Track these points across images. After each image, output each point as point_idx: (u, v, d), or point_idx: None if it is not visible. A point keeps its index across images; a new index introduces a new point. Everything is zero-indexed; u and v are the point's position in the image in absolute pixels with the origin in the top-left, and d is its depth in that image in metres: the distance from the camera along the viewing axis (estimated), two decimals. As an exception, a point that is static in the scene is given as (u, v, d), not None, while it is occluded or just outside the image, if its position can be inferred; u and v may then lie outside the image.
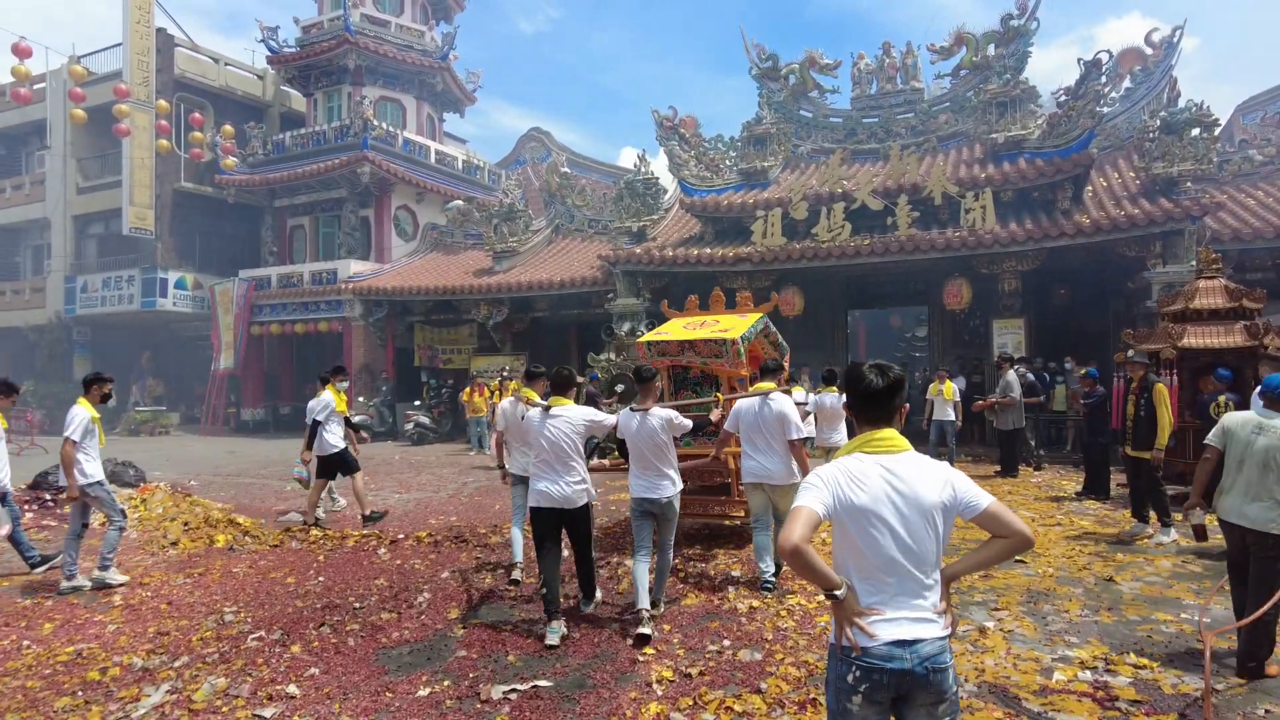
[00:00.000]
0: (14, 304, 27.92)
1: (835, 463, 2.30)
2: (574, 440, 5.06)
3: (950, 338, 16.98)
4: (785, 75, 19.24)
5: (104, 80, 23.68)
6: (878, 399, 2.32)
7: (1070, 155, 14.29)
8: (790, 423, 5.84)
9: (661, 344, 7.51)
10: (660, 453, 5.20)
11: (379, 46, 24.27)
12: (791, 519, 2.13)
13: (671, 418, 5.21)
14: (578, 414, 5.15)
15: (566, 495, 5.01)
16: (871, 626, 2.13)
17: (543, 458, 5.07)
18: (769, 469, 5.91)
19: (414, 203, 25.03)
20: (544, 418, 5.10)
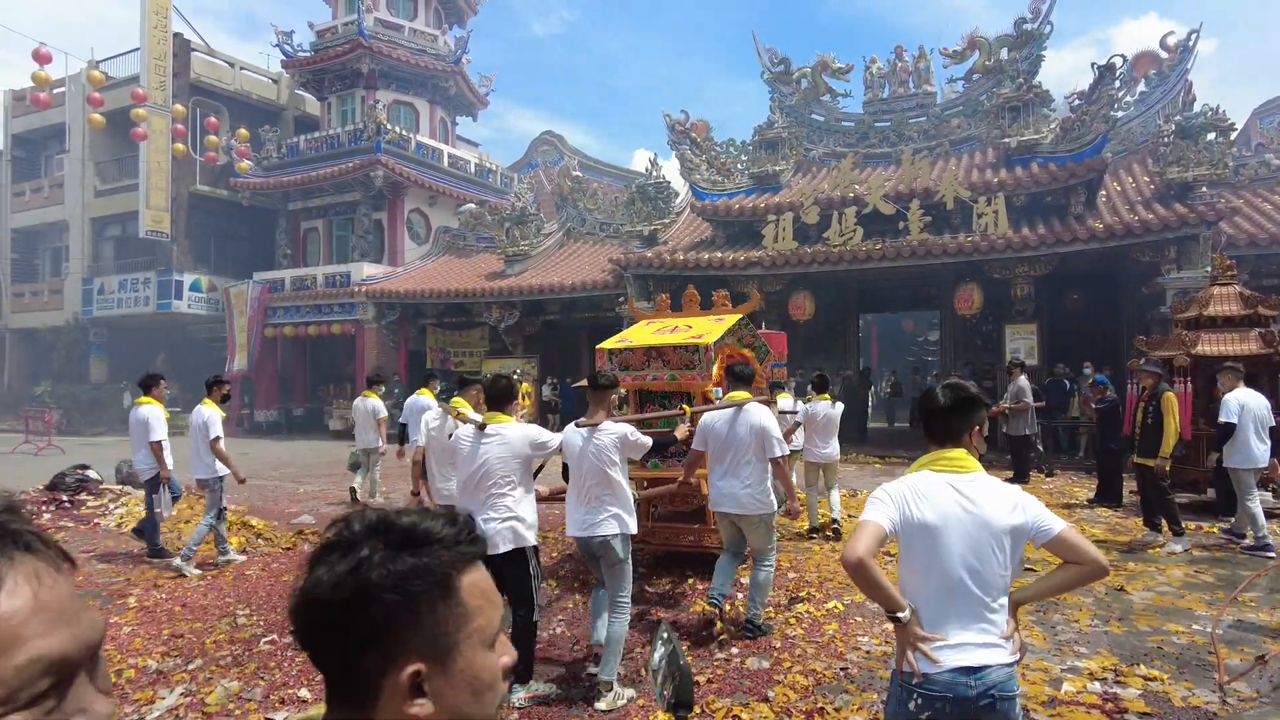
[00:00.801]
0: (33, 305, 28.27)
1: (903, 479, 2.23)
2: (510, 466, 4.17)
3: (962, 342, 16.93)
4: (797, 79, 19.25)
5: (121, 85, 23.96)
6: (946, 417, 2.25)
7: (1084, 160, 14.24)
8: (770, 438, 4.97)
9: (624, 354, 6.38)
10: (605, 479, 4.28)
11: (392, 50, 24.42)
12: (857, 532, 2.06)
13: (625, 434, 4.33)
14: (518, 434, 4.23)
15: (489, 536, 4.01)
16: (935, 652, 2.05)
17: (467, 486, 4.22)
18: (737, 495, 5.01)
19: (427, 206, 25.17)
20: (477, 438, 4.22)
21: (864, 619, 5.42)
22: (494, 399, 4.34)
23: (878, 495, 2.19)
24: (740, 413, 5.09)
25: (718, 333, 6.23)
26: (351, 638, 0.82)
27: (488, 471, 4.13)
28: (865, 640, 4.99)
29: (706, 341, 6.01)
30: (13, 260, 29.27)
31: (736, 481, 5.00)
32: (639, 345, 6.32)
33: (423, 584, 0.83)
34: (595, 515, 4.26)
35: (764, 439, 4.98)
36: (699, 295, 7.40)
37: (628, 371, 6.34)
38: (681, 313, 7.16)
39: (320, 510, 10.25)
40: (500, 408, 4.32)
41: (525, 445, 4.21)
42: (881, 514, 2.13)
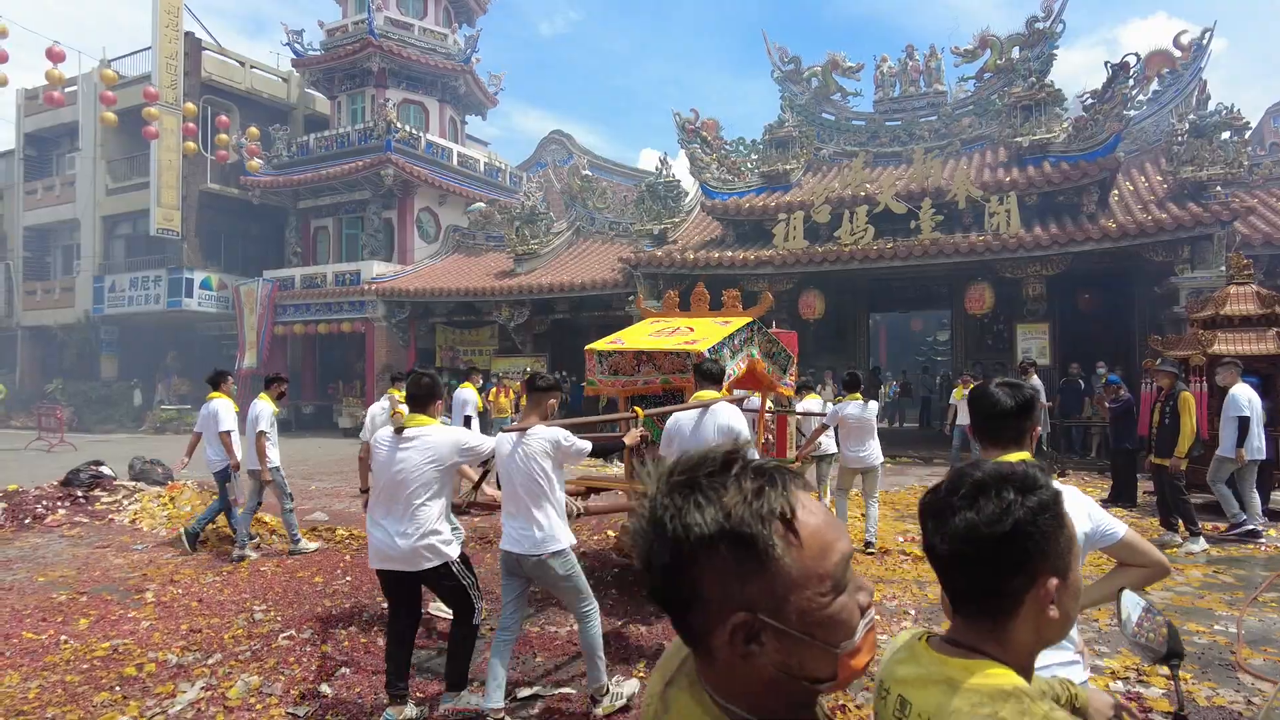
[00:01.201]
0: (44, 303, 28.41)
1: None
2: (428, 474, 3.78)
3: (973, 342, 16.88)
4: (807, 78, 19.22)
5: (133, 83, 24.05)
6: (1005, 419, 2.11)
7: (1096, 159, 14.18)
8: (742, 439, 4.37)
9: (614, 357, 5.86)
10: (536, 488, 3.80)
11: (402, 49, 24.46)
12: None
13: (559, 440, 3.85)
14: (443, 438, 3.84)
15: (404, 552, 3.75)
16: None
17: (381, 495, 3.85)
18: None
19: (436, 205, 25.20)
20: (394, 443, 3.82)
21: (882, 618, 5.39)
22: (415, 399, 3.92)
23: None
24: (706, 414, 4.67)
25: (717, 338, 5.72)
26: (1002, 565, 1.05)
27: (404, 480, 3.74)
28: (884, 638, 4.94)
29: (701, 348, 5.45)
30: (25, 258, 29.41)
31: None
32: (630, 349, 5.81)
33: (1049, 519, 1.06)
34: (526, 530, 3.79)
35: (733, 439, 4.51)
36: (709, 294, 6.92)
37: (617, 376, 5.86)
38: (689, 312, 6.72)
39: (332, 507, 10.27)
40: (422, 408, 3.91)
41: (450, 451, 3.83)
42: None
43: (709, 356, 5.28)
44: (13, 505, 9.29)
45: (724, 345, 5.75)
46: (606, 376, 5.89)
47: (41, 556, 7.51)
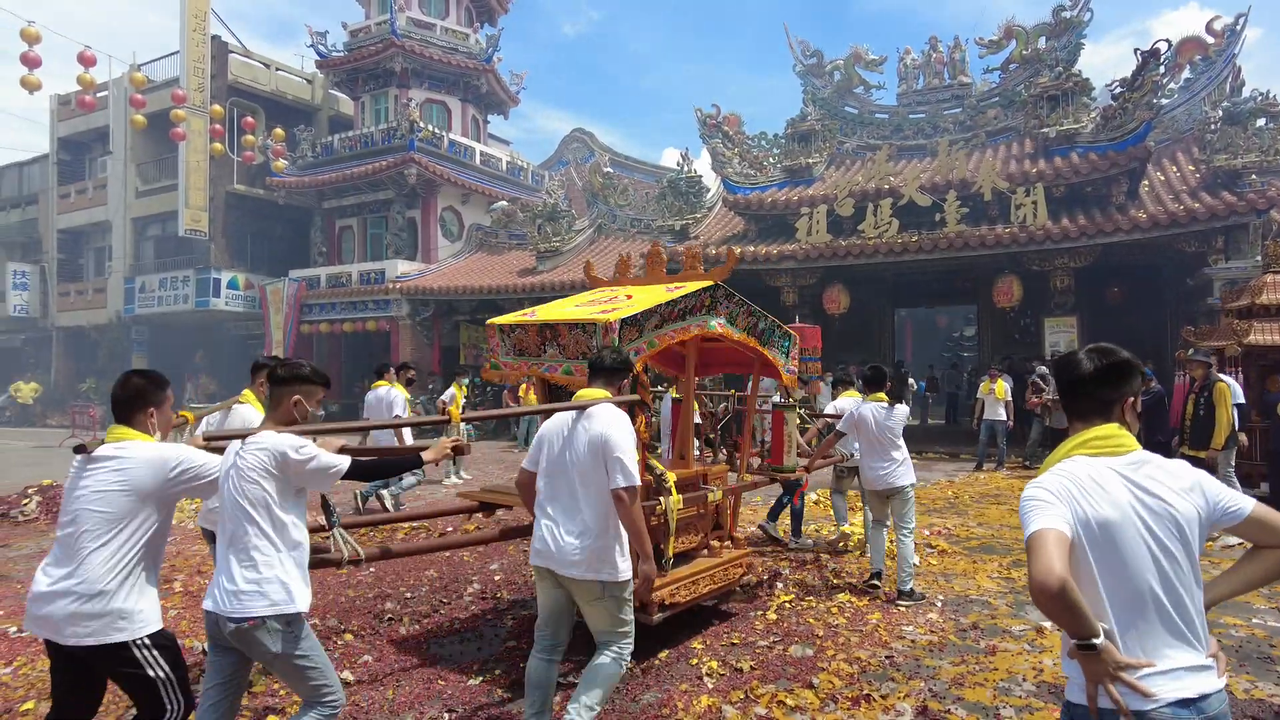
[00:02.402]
0: (78, 304, 28.95)
1: (1058, 469, 1.83)
2: (112, 510, 2.61)
3: (1000, 337, 16.65)
4: (830, 71, 19.08)
5: (162, 87, 24.41)
6: (1095, 387, 1.87)
7: (1126, 149, 13.92)
8: (613, 457, 3.11)
9: (518, 333, 4.57)
10: (248, 523, 2.67)
11: (424, 49, 24.60)
12: (1040, 547, 1.63)
13: (287, 452, 2.70)
14: (143, 458, 2.67)
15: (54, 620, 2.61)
16: (1145, 682, 1.66)
17: (60, 540, 2.69)
18: (564, 545, 3.18)
19: (459, 204, 25.33)
20: (80, 467, 2.71)
21: (907, 608, 5.32)
22: (120, 403, 2.80)
23: (1035, 495, 1.77)
24: (580, 420, 3.30)
25: (640, 306, 4.30)
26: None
27: (75, 517, 2.62)
28: (910, 629, 4.90)
29: (615, 318, 4.07)
30: (59, 260, 29.98)
31: (566, 524, 3.21)
32: (536, 322, 4.48)
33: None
34: (234, 586, 2.62)
35: (603, 457, 3.14)
36: (665, 256, 5.52)
37: (523, 358, 4.57)
38: (644, 279, 5.26)
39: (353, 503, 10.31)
40: (128, 417, 2.79)
41: (149, 476, 2.64)
42: (1054, 515, 1.70)
43: (609, 343, 3.87)
44: (47, 500, 9.45)
45: (652, 314, 4.31)
46: (511, 357, 4.64)
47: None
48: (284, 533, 2.71)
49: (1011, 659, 4.39)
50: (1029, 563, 1.64)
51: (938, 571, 6.31)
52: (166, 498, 2.72)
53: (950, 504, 9.46)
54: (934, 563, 6.58)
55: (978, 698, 3.89)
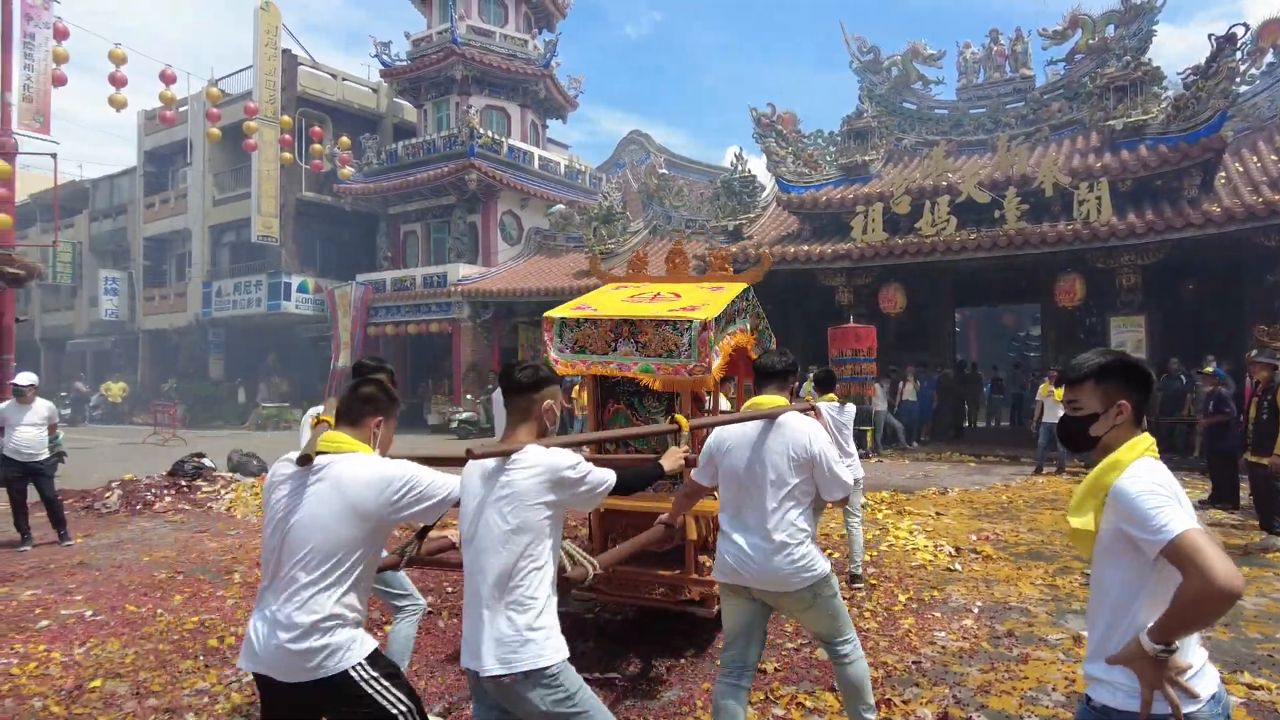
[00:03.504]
0: (161, 308, 30.49)
1: (1147, 466, 1.81)
2: (340, 534, 2.23)
3: (1064, 336, 16.12)
4: (887, 68, 18.75)
5: (236, 100, 25.52)
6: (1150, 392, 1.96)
7: (1199, 139, 13.31)
8: (826, 470, 3.04)
9: (584, 328, 4.29)
10: (522, 559, 2.27)
11: (484, 57, 25.13)
12: (1204, 550, 1.58)
13: (564, 471, 2.31)
14: (367, 475, 2.28)
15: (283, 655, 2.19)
16: (1191, 683, 1.70)
17: (267, 564, 2.30)
18: (770, 563, 2.99)
19: (518, 208, 25.79)
20: (300, 479, 2.29)
21: (942, 615, 5.26)
22: (349, 406, 2.48)
23: (1153, 489, 1.72)
24: (772, 428, 3.11)
25: (719, 305, 4.24)
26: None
27: (292, 540, 2.23)
28: (941, 635, 4.85)
29: (704, 315, 4.02)
30: (145, 266, 31.64)
31: (767, 537, 3.01)
32: (606, 316, 4.25)
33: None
34: (498, 632, 2.23)
35: (813, 469, 3.05)
36: (688, 257, 5.28)
37: (582, 355, 4.30)
38: (667, 276, 5.06)
39: (412, 499, 10.66)
40: (354, 421, 2.45)
41: (370, 495, 2.25)
42: (1189, 515, 1.70)
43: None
44: (127, 492, 10.07)
45: (738, 320, 4.49)
46: (569, 355, 4.33)
47: (148, 539, 8.10)
48: (550, 569, 2.36)
49: (1044, 668, 4.32)
50: (1201, 563, 1.57)
51: (979, 577, 6.20)
52: (384, 524, 2.29)
53: (1003, 509, 9.24)
54: (976, 569, 6.47)
55: (1002, 706, 3.85)
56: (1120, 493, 1.75)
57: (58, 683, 4.29)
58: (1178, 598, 1.63)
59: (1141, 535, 1.69)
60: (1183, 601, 1.61)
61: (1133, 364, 1.96)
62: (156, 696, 4.10)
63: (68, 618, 5.45)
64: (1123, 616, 1.79)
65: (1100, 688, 1.81)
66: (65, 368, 34.84)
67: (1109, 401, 1.93)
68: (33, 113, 14.83)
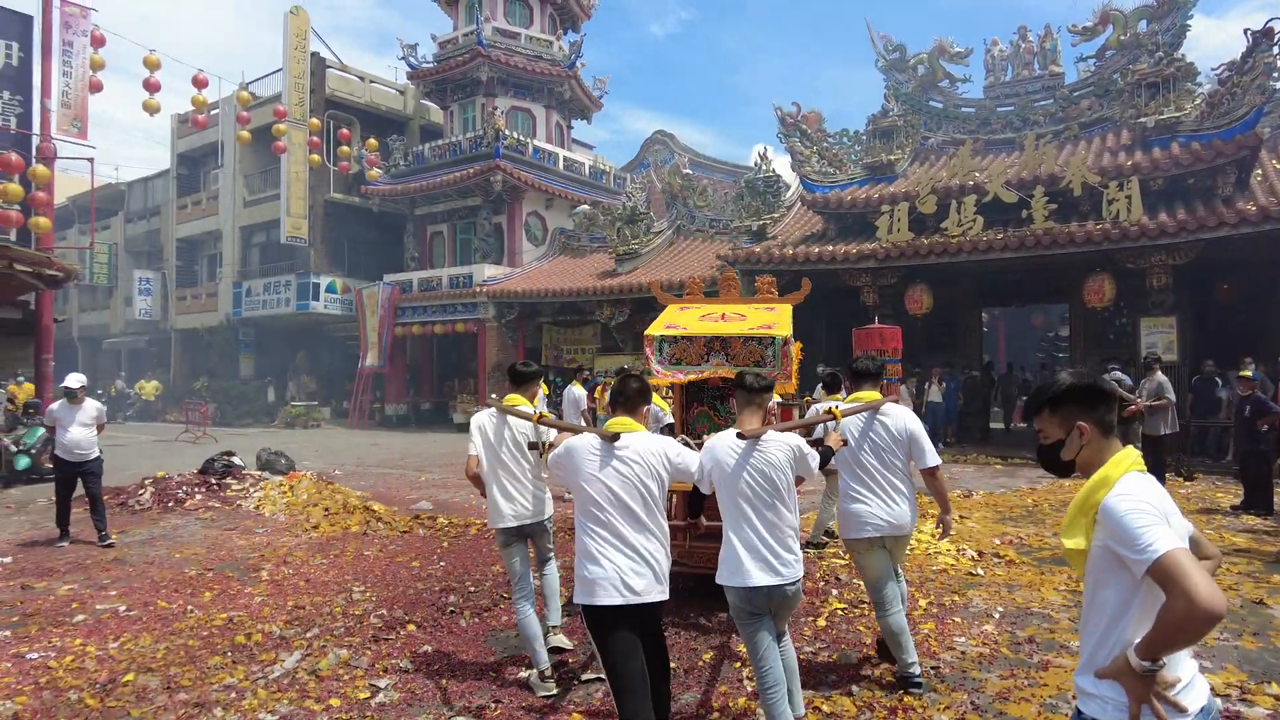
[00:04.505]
0: (193, 308, 31.04)
1: (1134, 483, 1.82)
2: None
3: (1093, 337, 15.90)
4: (913, 66, 18.60)
5: (265, 103, 25.94)
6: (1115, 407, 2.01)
7: (1234, 136, 13.07)
8: (922, 444, 4.18)
9: (679, 344, 5.32)
10: (783, 505, 3.36)
11: (509, 58, 25.28)
12: (1188, 571, 1.58)
13: (798, 449, 3.46)
14: (657, 447, 3.28)
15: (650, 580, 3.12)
16: (1180, 697, 1.72)
17: (604, 516, 3.14)
18: (894, 516, 4.11)
19: (543, 208, 25.92)
20: (606, 451, 3.21)
21: (963, 620, 5.24)
22: (626, 399, 3.41)
23: (1140, 508, 1.72)
24: (877, 417, 4.22)
25: (787, 323, 5.36)
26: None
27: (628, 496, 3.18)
28: (962, 640, 4.83)
29: (781, 332, 5.13)
30: (177, 267, 32.23)
31: (892, 498, 4.13)
32: (698, 334, 5.31)
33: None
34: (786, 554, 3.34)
35: (915, 445, 4.18)
36: (739, 280, 6.49)
37: (679, 365, 5.34)
38: (717, 298, 6.12)
39: (438, 497, 10.79)
40: (631, 411, 3.39)
41: (658, 463, 3.26)
42: (1172, 534, 1.69)
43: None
44: (159, 490, 10.28)
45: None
46: (667, 366, 5.37)
47: (179, 536, 8.28)
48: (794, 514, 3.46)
49: (1065, 675, 4.28)
50: (1184, 584, 1.58)
51: (1001, 582, 6.16)
52: (664, 480, 3.28)
53: (1028, 512, 9.15)
54: (999, 573, 6.42)
55: (1021, 713, 3.83)
56: (1108, 511, 1.76)
57: (92, 676, 4.42)
58: (1161, 617, 1.63)
59: (1128, 554, 1.69)
60: (1166, 621, 1.62)
61: (1082, 386, 1.99)
62: (186, 691, 4.21)
63: (102, 612, 5.60)
64: (1112, 631, 1.80)
65: (1090, 701, 1.83)
66: (101, 366, 35.60)
67: (1068, 426, 1.98)
68: (71, 118, 15.19)
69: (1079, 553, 1.87)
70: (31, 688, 4.25)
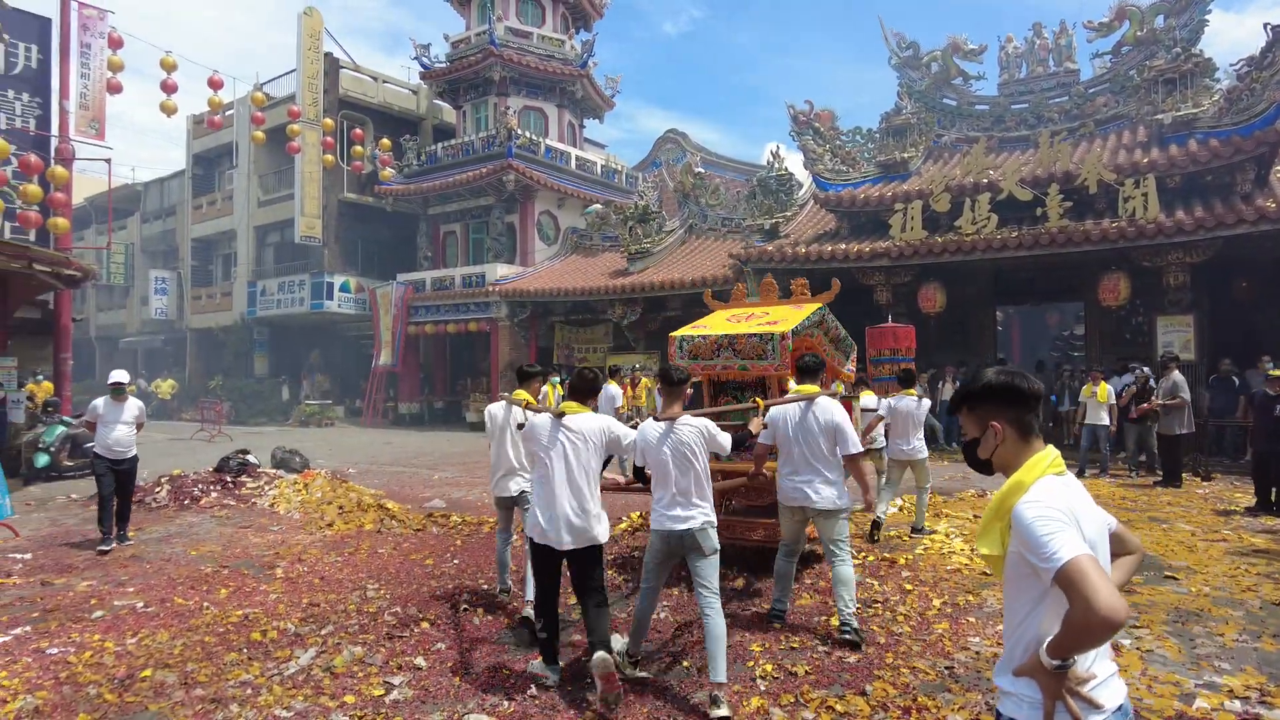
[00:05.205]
0: (208, 307, 31.28)
1: (1046, 488, 1.82)
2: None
3: (1109, 336, 15.77)
4: (927, 63, 18.51)
5: (279, 104, 26.07)
6: (1039, 406, 1.98)
7: (1253, 133, 12.94)
8: (844, 434, 4.88)
9: (694, 341, 6.21)
10: (693, 472, 4.17)
11: (521, 58, 25.32)
12: (1088, 576, 1.61)
13: (705, 429, 4.24)
14: (598, 424, 4.34)
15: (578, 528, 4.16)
16: (1094, 693, 1.75)
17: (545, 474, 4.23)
18: (810, 492, 4.91)
19: (555, 208, 25.96)
20: (555, 426, 4.28)
21: (977, 620, 5.21)
22: (579, 390, 4.47)
23: (1047, 515, 1.73)
24: (809, 407, 5.00)
25: (795, 320, 5.98)
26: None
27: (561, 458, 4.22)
28: (976, 640, 4.80)
29: (781, 329, 5.76)
30: (193, 267, 32.49)
31: (811, 477, 4.92)
32: (712, 334, 6.11)
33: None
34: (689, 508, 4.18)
35: (836, 435, 4.90)
36: (776, 285, 7.19)
37: (696, 361, 6.17)
38: (759, 301, 7.04)
39: (450, 495, 10.83)
40: (583, 400, 4.45)
41: (598, 436, 4.30)
42: (1078, 539, 1.71)
43: (787, 335, 5.73)
44: (175, 488, 10.36)
45: (802, 327, 6.07)
46: (685, 361, 6.14)
47: (195, 533, 8.35)
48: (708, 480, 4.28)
49: (1080, 675, 4.25)
50: (1084, 590, 1.60)
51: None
52: (602, 448, 4.32)
53: (1043, 512, 9.07)
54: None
55: (1037, 713, 3.80)
56: (1016, 517, 1.77)
57: (111, 671, 4.46)
58: (1065, 621, 1.67)
59: (1035, 561, 1.71)
60: (1069, 626, 1.65)
61: (997, 384, 1.97)
62: (203, 687, 4.24)
63: (121, 609, 5.66)
64: (1026, 631, 1.83)
65: (1007, 700, 1.86)
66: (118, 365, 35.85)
67: (983, 425, 1.98)
68: (88, 120, 15.32)
69: (995, 558, 1.88)
70: (52, 682, 4.31)
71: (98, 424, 7.85)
